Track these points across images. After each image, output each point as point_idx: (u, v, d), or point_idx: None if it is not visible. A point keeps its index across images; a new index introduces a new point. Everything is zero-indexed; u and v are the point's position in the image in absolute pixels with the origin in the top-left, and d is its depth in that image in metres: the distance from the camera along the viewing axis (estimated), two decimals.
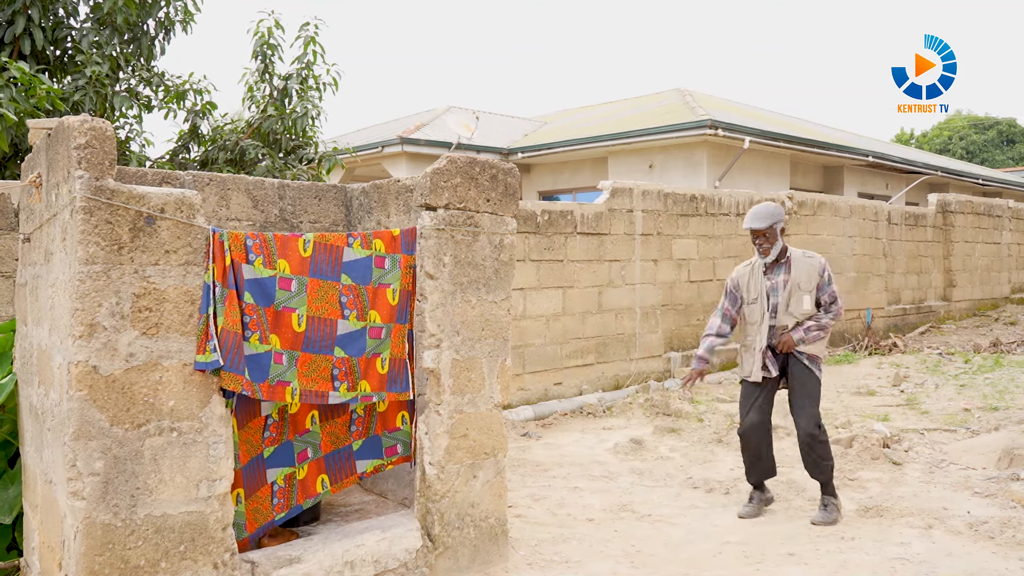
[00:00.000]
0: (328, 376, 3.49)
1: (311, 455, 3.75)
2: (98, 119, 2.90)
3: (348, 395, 3.56)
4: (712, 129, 13.37)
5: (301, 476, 3.71)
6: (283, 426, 3.65)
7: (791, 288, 4.77)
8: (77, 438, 2.82)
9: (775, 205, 4.81)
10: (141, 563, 2.95)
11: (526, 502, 5.21)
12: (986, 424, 6.87)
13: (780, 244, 4.80)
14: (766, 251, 4.79)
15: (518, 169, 4.18)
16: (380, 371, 3.66)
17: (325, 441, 3.79)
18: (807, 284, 4.77)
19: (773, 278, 4.84)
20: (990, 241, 16.07)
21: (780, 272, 4.83)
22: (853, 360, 10.73)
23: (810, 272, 4.78)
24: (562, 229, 8.44)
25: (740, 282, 4.93)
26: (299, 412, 3.72)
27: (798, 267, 4.79)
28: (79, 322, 2.82)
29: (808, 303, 4.76)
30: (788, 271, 4.81)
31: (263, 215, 4.48)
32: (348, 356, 3.55)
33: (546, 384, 8.34)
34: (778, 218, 4.76)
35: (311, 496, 3.74)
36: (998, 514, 4.68)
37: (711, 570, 4.07)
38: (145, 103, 8.20)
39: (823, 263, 4.84)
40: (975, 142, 41.85)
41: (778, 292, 4.80)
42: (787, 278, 4.80)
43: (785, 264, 4.83)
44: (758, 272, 4.87)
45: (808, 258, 4.84)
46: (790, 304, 4.76)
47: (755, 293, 4.84)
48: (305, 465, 3.72)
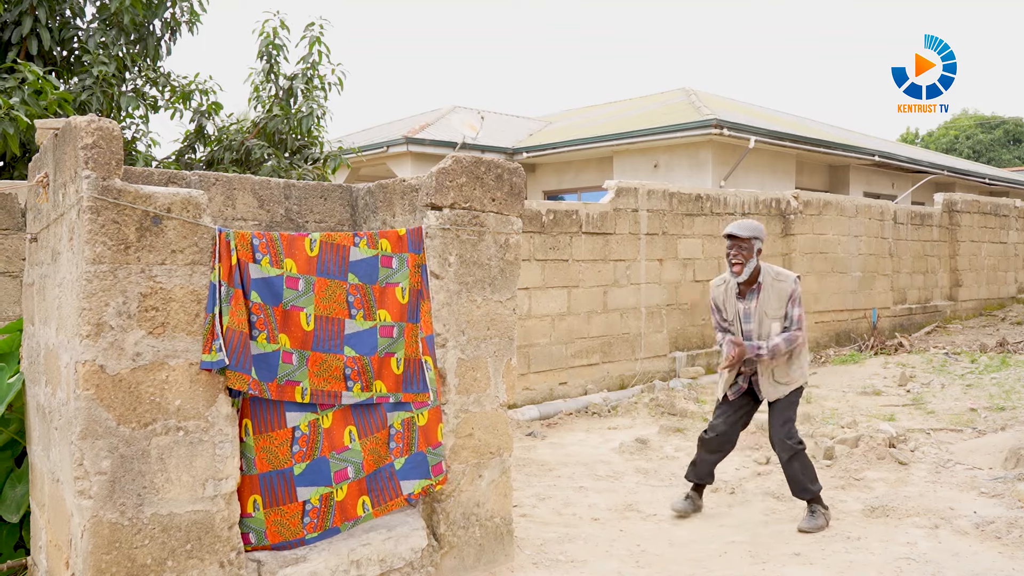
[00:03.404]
0: (340, 376, 3.47)
1: (352, 475, 3.52)
2: (105, 119, 2.90)
3: (363, 395, 3.52)
4: (717, 129, 13.35)
5: (340, 497, 3.50)
6: (315, 440, 3.45)
7: (759, 316, 4.62)
8: (84, 437, 2.83)
9: (760, 224, 4.67)
10: (148, 562, 2.95)
11: (531, 501, 5.21)
12: (992, 424, 6.85)
13: (755, 264, 4.58)
14: (739, 265, 4.55)
15: (523, 169, 4.18)
16: (395, 371, 3.62)
17: (367, 460, 3.55)
18: (775, 311, 4.61)
19: (747, 303, 4.68)
20: (996, 241, 16.02)
21: (752, 297, 4.66)
22: (859, 360, 10.71)
23: (779, 297, 4.61)
24: (567, 229, 8.44)
25: (718, 301, 4.80)
26: (334, 426, 3.49)
27: (767, 292, 4.62)
28: (86, 321, 2.83)
29: (776, 330, 4.60)
30: (758, 296, 4.64)
31: (269, 215, 4.49)
32: (359, 355, 3.51)
33: (551, 384, 8.34)
34: (760, 235, 4.59)
35: (351, 519, 3.52)
36: (1005, 514, 4.66)
37: (717, 570, 4.07)
38: (151, 103, 8.22)
39: (793, 288, 4.62)
40: (981, 141, 41.70)
41: (751, 319, 4.66)
42: (757, 304, 4.64)
43: (757, 289, 4.65)
44: (731, 293, 4.72)
45: (779, 281, 4.64)
46: (762, 333, 4.62)
47: (730, 315, 4.72)
48: (344, 485, 3.51)
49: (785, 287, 4.62)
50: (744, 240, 4.55)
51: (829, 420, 7.07)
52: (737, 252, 4.56)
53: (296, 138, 8.99)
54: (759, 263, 4.63)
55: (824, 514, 4.65)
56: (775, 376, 4.67)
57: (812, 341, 11.51)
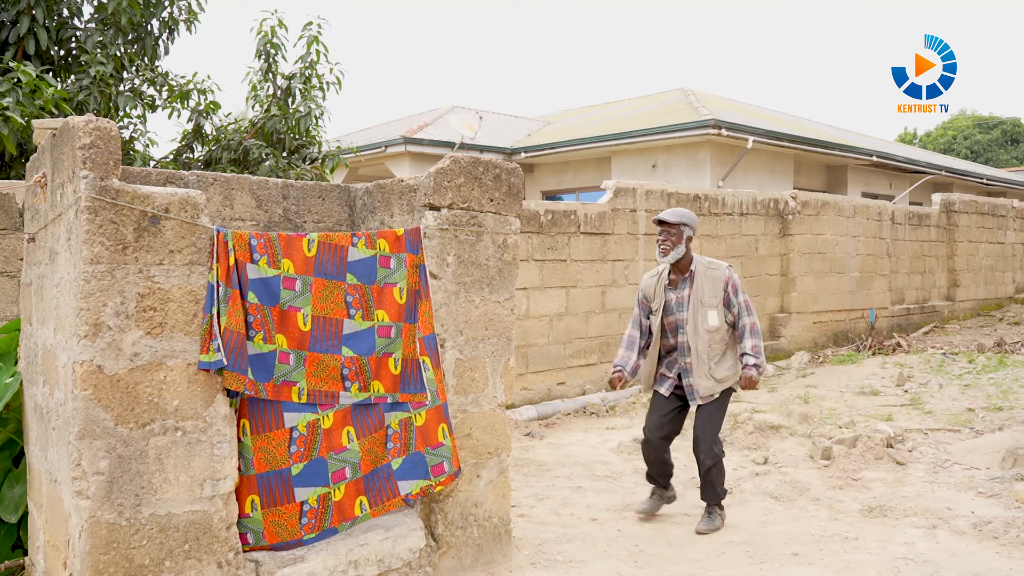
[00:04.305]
0: (338, 376, 3.47)
1: (349, 475, 3.51)
2: (103, 119, 2.90)
3: (360, 395, 3.52)
4: (716, 129, 13.36)
5: (337, 497, 3.49)
6: (313, 441, 3.44)
7: (694, 304, 4.58)
8: (82, 437, 2.83)
9: (692, 213, 4.65)
10: (146, 562, 2.95)
11: (529, 502, 5.21)
12: (990, 424, 6.85)
13: (683, 251, 4.56)
14: (666, 249, 4.55)
15: (521, 169, 4.18)
16: (393, 372, 3.61)
17: (365, 460, 3.55)
18: (710, 299, 4.57)
19: (678, 292, 4.64)
20: (994, 241, 16.03)
21: (685, 286, 4.63)
22: (856, 360, 10.72)
23: (714, 285, 4.58)
24: (565, 229, 8.44)
25: (648, 292, 4.76)
26: (334, 427, 3.48)
27: (700, 280, 4.59)
28: (84, 322, 2.82)
29: (713, 319, 4.56)
30: (691, 284, 4.61)
31: (267, 215, 4.49)
32: (357, 355, 3.51)
33: (549, 384, 8.34)
34: (689, 223, 4.59)
35: (348, 519, 3.51)
36: (1002, 514, 4.67)
37: (715, 570, 4.07)
38: (149, 103, 8.22)
39: (728, 274, 4.62)
40: (979, 142, 41.75)
41: (683, 308, 4.61)
42: (690, 292, 4.60)
43: (689, 277, 4.62)
44: (663, 284, 4.69)
45: (712, 269, 4.62)
46: (697, 322, 4.57)
47: (657, 304, 4.68)
48: (342, 486, 3.50)
49: (719, 274, 4.62)
50: (673, 226, 4.58)
51: (827, 420, 7.08)
52: (666, 237, 4.57)
53: (294, 138, 8.98)
54: (691, 253, 4.65)
55: (720, 515, 4.72)
56: (712, 371, 4.60)
57: (810, 341, 11.53)
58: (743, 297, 4.62)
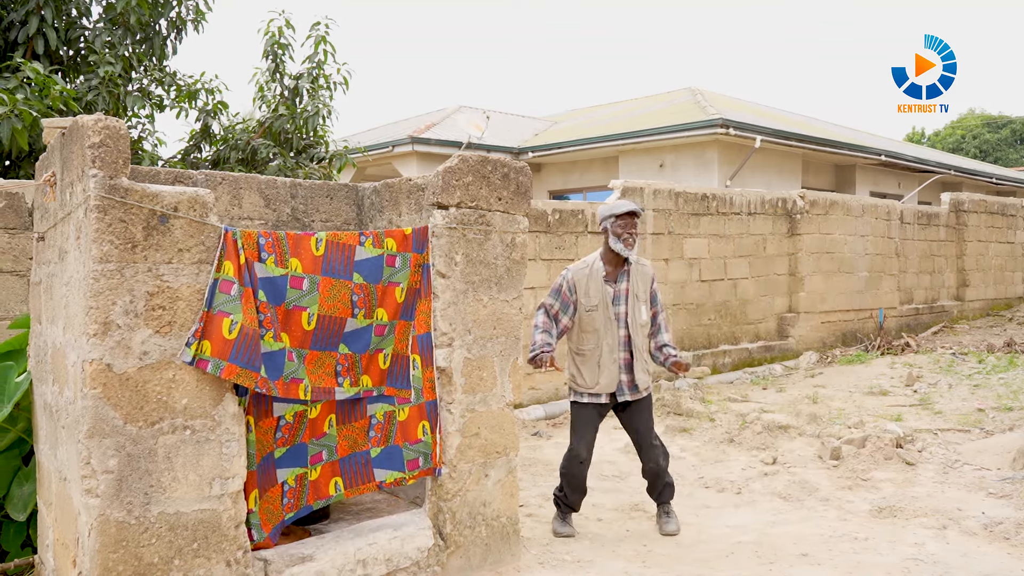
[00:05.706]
0: (332, 372, 3.51)
1: (326, 457, 3.65)
2: (112, 118, 2.90)
3: (352, 390, 3.57)
4: (723, 128, 13.32)
5: (313, 477, 3.62)
6: (297, 428, 3.56)
7: (631, 298, 4.48)
8: (91, 436, 2.84)
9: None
10: (155, 560, 2.95)
11: (537, 501, 5.20)
12: (1000, 424, 6.81)
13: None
14: (632, 243, 4.41)
15: (529, 168, 4.18)
16: (381, 366, 3.68)
17: (342, 444, 3.69)
18: (642, 293, 4.52)
19: (617, 286, 4.48)
20: (1004, 240, 15.95)
21: (623, 279, 4.49)
22: (865, 360, 10.68)
23: (644, 280, 4.54)
24: (573, 228, 8.42)
25: (577, 285, 4.47)
26: (319, 416, 3.62)
27: (635, 275, 4.50)
28: (93, 320, 2.83)
29: (644, 313, 4.52)
30: (628, 278, 4.50)
31: (275, 214, 4.49)
32: (351, 352, 3.57)
33: (557, 383, 8.33)
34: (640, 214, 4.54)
35: (323, 497, 3.64)
36: (1013, 515, 4.64)
37: (724, 570, 4.05)
38: (157, 103, 8.25)
39: (653, 271, 4.62)
40: (988, 141, 41.54)
41: (621, 301, 4.47)
42: (628, 286, 4.49)
43: (627, 272, 4.50)
44: (597, 276, 4.46)
45: (641, 265, 4.56)
46: (632, 315, 4.46)
47: (595, 300, 4.43)
48: (318, 467, 3.63)
49: (647, 271, 4.59)
50: (638, 217, 4.49)
51: (836, 420, 7.05)
52: (634, 230, 4.45)
53: (302, 137, 8.99)
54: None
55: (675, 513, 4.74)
56: (647, 365, 4.55)
57: (818, 341, 11.49)
58: (659, 294, 4.66)
